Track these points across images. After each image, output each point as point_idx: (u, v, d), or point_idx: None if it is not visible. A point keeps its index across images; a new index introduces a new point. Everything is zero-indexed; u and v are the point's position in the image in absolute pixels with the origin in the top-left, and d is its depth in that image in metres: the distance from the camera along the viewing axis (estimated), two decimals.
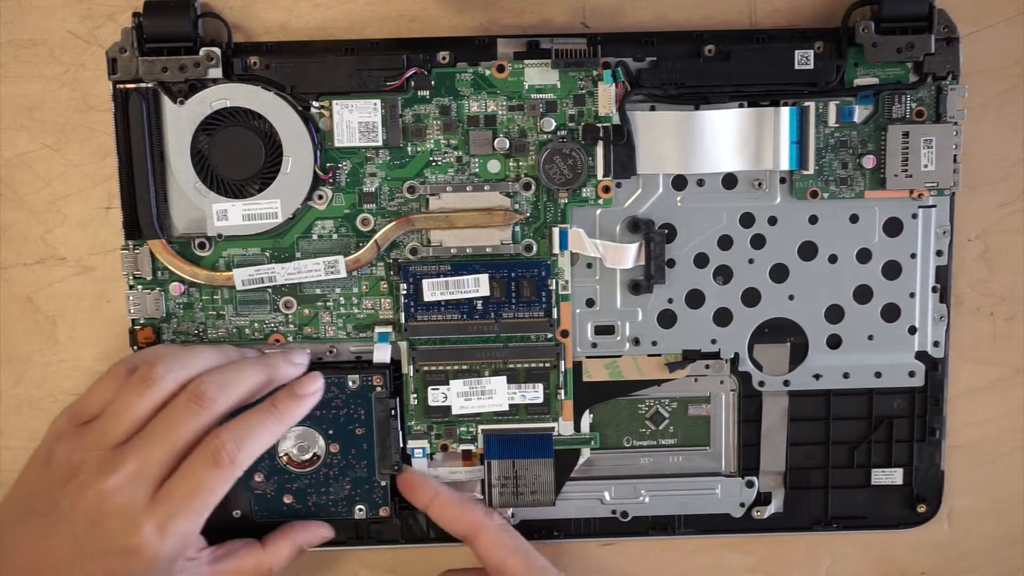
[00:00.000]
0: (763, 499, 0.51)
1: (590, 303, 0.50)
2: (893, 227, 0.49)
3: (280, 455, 0.47)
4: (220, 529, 0.47)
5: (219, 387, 0.44)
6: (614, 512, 0.51)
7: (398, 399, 0.49)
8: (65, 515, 0.42)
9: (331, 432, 0.47)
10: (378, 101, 0.48)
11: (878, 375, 0.50)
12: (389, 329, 0.49)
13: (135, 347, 0.49)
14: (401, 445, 0.49)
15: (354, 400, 0.48)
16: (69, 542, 0.42)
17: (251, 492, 0.48)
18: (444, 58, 0.48)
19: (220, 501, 0.43)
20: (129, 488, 0.42)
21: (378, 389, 0.48)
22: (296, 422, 0.46)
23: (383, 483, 0.48)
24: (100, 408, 0.44)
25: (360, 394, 0.48)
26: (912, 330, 0.50)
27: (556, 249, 0.48)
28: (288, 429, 0.46)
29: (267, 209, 0.48)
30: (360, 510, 0.48)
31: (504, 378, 0.49)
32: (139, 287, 0.49)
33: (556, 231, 0.48)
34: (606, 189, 0.48)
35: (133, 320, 0.49)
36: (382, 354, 0.48)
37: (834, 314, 0.50)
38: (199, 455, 0.43)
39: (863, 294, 0.50)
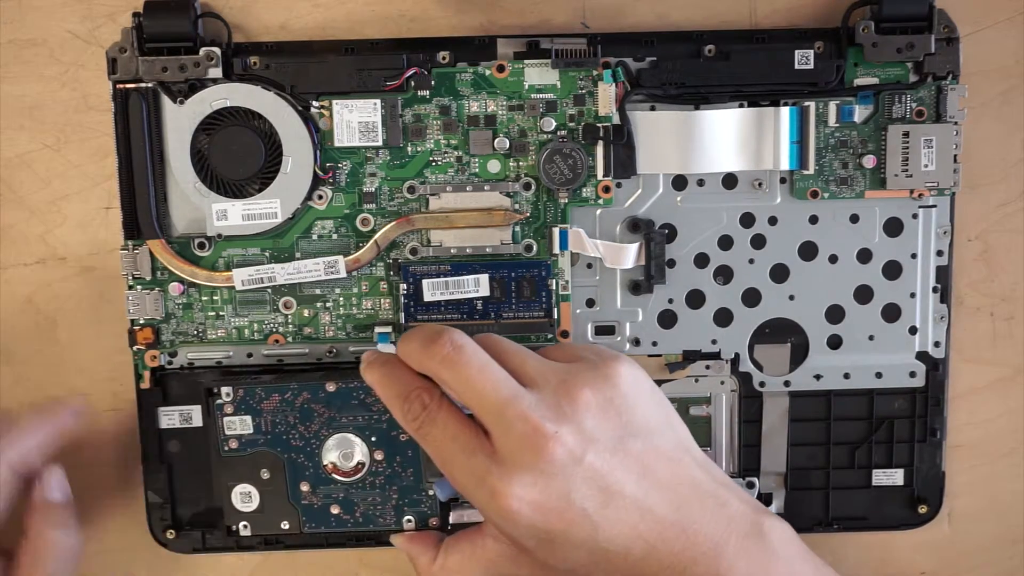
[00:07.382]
0: (764, 500, 0.51)
1: (590, 303, 0.50)
2: (893, 227, 0.49)
3: (325, 463, 0.47)
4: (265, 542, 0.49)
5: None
6: None
7: None
8: None
9: (374, 439, 0.46)
10: (378, 101, 0.48)
11: (879, 375, 0.50)
12: (389, 329, 0.49)
13: (134, 347, 0.49)
14: None
15: None
16: None
17: (298, 503, 0.47)
18: (444, 58, 0.48)
19: (268, 512, 0.46)
20: None
21: None
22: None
23: (430, 492, 0.47)
24: None
25: None
26: (913, 330, 0.50)
27: (556, 249, 0.48)
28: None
29: (267, 209, 0.48)
30: (408, 521, 0.47)
31: None
32: (139, 287, 0.49)
33: (556, 231, 0.48)
34: (606, 189, 0.48)
35: (133, 320, 0.49)
36: None
37: (834, 314, 0.50)
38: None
39: (863, 294, 0.50)
